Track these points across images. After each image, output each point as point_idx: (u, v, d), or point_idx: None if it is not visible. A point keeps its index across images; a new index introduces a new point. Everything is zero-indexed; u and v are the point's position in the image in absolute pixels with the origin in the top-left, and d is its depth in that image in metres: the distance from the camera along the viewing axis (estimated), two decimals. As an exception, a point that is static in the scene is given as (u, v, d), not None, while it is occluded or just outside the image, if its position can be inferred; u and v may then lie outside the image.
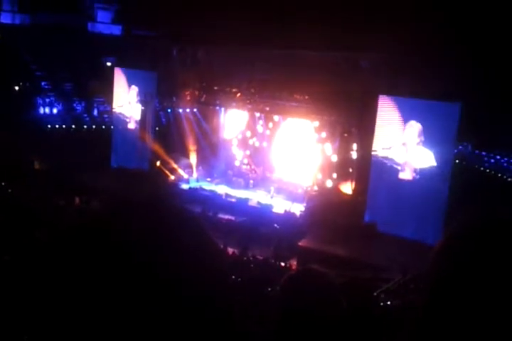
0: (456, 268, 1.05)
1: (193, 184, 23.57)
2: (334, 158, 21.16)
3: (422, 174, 18.18)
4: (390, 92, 18.69)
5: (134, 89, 24.66)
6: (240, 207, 20.88)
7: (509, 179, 19.51)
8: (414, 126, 18.21)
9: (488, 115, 18.31)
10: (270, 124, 23.58)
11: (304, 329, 1.93)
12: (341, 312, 2.06)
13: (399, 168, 18.70)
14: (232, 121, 24.69)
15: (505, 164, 20.05)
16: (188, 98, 24.03)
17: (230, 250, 15.76)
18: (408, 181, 18.55)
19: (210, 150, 25.21)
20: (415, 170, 18.41)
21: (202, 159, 24.90)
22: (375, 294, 9.83)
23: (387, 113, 18.73)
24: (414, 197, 18.01)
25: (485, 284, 0.99)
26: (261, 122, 23.74)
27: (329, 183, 21.43)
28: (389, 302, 9.31)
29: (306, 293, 2.03)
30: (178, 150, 24.47)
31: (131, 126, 24.99)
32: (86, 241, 0.95)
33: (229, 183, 23.69)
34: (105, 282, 0.90)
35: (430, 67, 17.75)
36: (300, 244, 17.73)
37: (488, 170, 20.11)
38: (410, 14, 18.43)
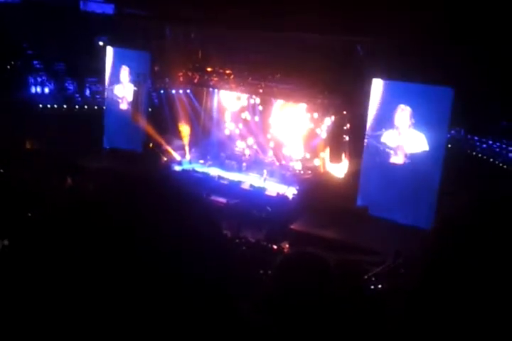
0: (448, 252, 1.05)
1: (186, 166, 23.55)
2: (326, 141, 21.19)
3: (414, 158, 18.25)
4: (383, 76, 18.65)
5: (127, 69, 24.46)
6: (232, 189, 20.90)
7: (501, 164, 19.61)
8: (405, 110, 18.26)
9: (481, 100, 18.32)
10: (262, 107, 23.53)
11: (296, 310, 1.94)
12: (334, 293, 2.06)
13: (391, 152, 18.75)
14: (226, 102, 24.60)
15: (497, 149, 20.13)
16: (181, 79, 23.87)
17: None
18: (400, 165, 18.62)
19: (203, 132, 25.15)
20: (407, 155, 18.47)
21: (195, 141, 24.84)
22: (365, 277, 9.91)
23: (380, 97, 18.71)
24: (407, 181, 18.09)
25: (477, 267, 0.99)
26: (255, 105, 23.68)
27: (317, 162, 21.53)
28: (380, 286, 9.39)
29: (302, 274, 2.03)
30: (171, 132, 24.38)
31: (124, 106, 24.84)
32: (88, 218, 0.94)
33: (222, 165, 23.69)
34: (107, 257, 0.89)
35: (424, 51, 17.70)
36: (292, 227, 17.81)
37: (480, 155, 20.20)
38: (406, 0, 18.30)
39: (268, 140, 23.95)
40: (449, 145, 18.86)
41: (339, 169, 20.84)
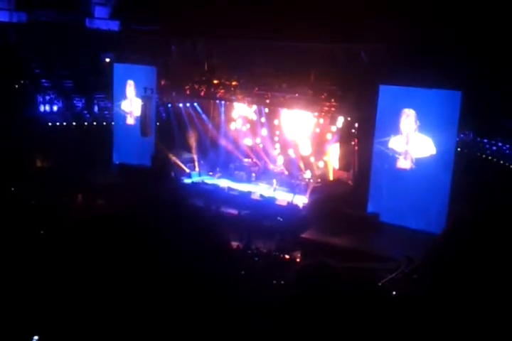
0: (461, 256, 1.06)
1: (195, 178, 23.59)
2: (335, 149, 21.19)
3: (423, 163, 18.18)
4: (390, 82, 18.64)
5: (133, 84, 24.63)
6: (242, 200, 20.90)
7: (511, 166, 19.50)
8: (409, 114, 18.23)
9: (489, 102, 18.28)
10: (271, 117, 23.59)
11: (311, 322, 1.95)
12: (348, 301, 2.08)
13: (400, 157, 18.70)
14: (233, 114, 24.69)
15: (507, 151, 20.03)
16: (188, 92, 23.98)
17: (234, 244, 15.80)
18: (410, 170, 18.55)
19: (211, 144, 25.21)
20: (415, 159, 18.41)
21: (203, 153, 24.89)
22: (379, 284, 9.85)
23: (387, 103, 18.70)
24: (417, 186, 18.02)
25: (489, 271, 1.01)
26: (262, 118, 23.76)
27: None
28: (394, 293, 9.34)
29: (319, 286, 2.04)
30: (180, 145, 24.46)
31: (131, 121, 24.97)
32: (99, 235, 0.97)
33: (231, 177, 23.72)
34: (119, 272, 0.92)
35: (430, 56, 17.71)
36: (303, 235, 17.77)
37: (490, 158, 20.11)
38: (409, 4, 18.36)
39: (276, 149, 23.97)
40: (459, 149, 18.79)
41: (349, 176, 20.82)
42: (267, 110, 23.55)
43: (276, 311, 1.97)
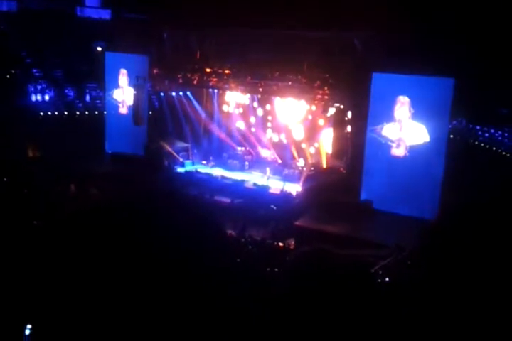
0: (454, 243, 1.08)
1: (189, 167, 23.57)
2: (328, 137, 21.21)
3: (416, 150, 18.23)
4: (383, 70, 18.62)
5: (125, 73, 24.50)
6: (236, 189, 20.92)
7: (504, 152, 19.61)
8: (404, 101, 18.25)
9: (482, 90, 18.32)
10: (263, 103, 23.56)
11: (310, 306, 1.97)
12: (345, 288, 2.10)
13: (393, 144, 18.74)
14: (226, 102, 24.64)
15: (499, 137, 20.13)
16: (181, 81, 23.88)
17: (228, 232, 15.84)
18: (403, 158, 18.61)
19: (204, 132, 25.18)
20: (409, 147, 18.46)
21: (197, 142, 24.87)
22: (372, 271, 9.92)
23: (380, 90, 18.70)
24: (410, 173, 18.09)
25: (483, 257, 1.02)
26: (255, 104, 23.74)
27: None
28: (387, 279, 9.41)
29: (315, 270, 2.05)
30: (173, 134, 24.41)
31: (124, 110, 24.88)
32: (93, 225, 0.97)
33: (224, 165, 23.73)
34: (114, 261, 0.92)
35: (423, 43, 17.69)
36: (297, 223, 17.82)
37: (482, 144, 20.20)
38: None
39: (270, 137, 23.98)
40: (451, 136, 18.86)
41: (342, 164, 20.87)
42: (259, 99, 23.53)
43: (273, 298, 1.99)
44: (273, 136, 23.90)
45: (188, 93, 24.58)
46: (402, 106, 18.31)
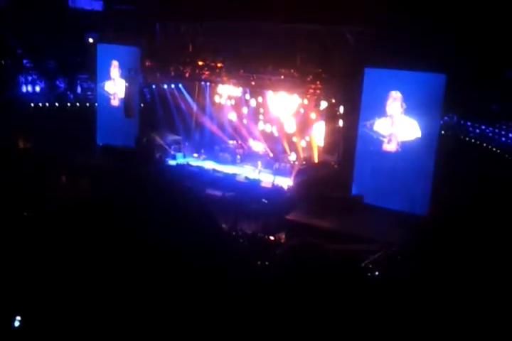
0: (446, 238, 1.07)
1: (180, 160, 23.54)
2: (320, 131, 21.23)
3: (408, 146, 18.30)
4: (375, 65, 18.64)
5: (117, 64, 24.38)
6: (227, 182, 20.93)
7: (494, 148, 19.69)
8: (396, 97, 18.29)
9: (474, 86, 18.37)
10: (255, 98, 23.52)
11: (299, 299, 1.97)
12: (335, 281, 2.10)
13: (384, 140, 18.79)
14: (218, 95, 24.58)
15: (490, 134, 20.20)
16: (173, 73, 23.79)
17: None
18: (394, 153, 18.67)
19: (196, 125, 25.13)
20: (400, 142, 18.52)
21: (188, 135, 24.82)
22: (363, 265, 9.96)
23: (372, 85, 18.72)
24: (401, 168, 18.16)
25: (475, 252, 1.02)
26: (247, 96, 23.69)
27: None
28: (376, 273, 9.45)
29: (305, 264, 2.05)
30: (164, 127, 24.34)
31: (115, 102, 24.77)
32: (84, 216, 0.96)
33: (216, 159, 23.71)
34: (107, 253, 0.91)
35: (416, 39, 17.70)
36: (288, 217, 17.86)
37: (473, 140, 20.27)
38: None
39: (261, 131, 23.95)
40: (443, 132, 18.91)
41: (333, 158, 20.90)
42: (251, 92, 23.49)
43: (264, 290, 1.99)
44: (265, 127, 23.86)
45: (180, 86, 24.50)
46: (394, 101, 18.36)
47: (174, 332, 0.99)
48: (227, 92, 24.23)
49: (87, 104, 25.98)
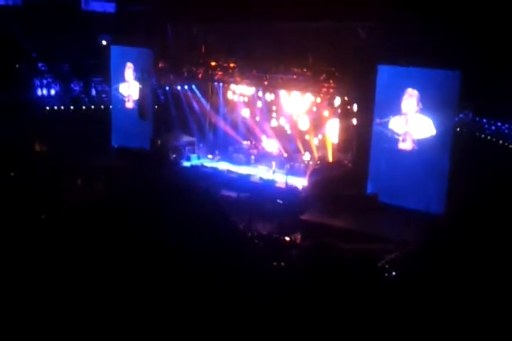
0: (462, 238, 1.07)
1: (195, 161, 23.58)
2: (335, 128, 21.13)
3: (423, 144, 18.15)
4: (388, 62, 18.52)
5: (131, 66, 24.47)
6: (242, 183, 20.93)
7: (510, 145, 19.50)
8: (412, 94, 18.12)
9: (488, 82, 18.21)
10: (268, 98, 23.48)
11: (315, 302, 1.97)
12: (351, 281, 2.10)
13: (399, 138, 18.66)
14: (231, 96, 24.58)
15: (506, 130, 20.02)
16: (186, 75, 23.84)
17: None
18: (409, 151, 18.53)
19: (210, 127, 25.15)
20: (415, 140, 18.37)
21: (202, 136, 24.85)
22: (379, 265, 9.91)
23: (386, 83, 18.60)
24: (416, 166, 18.03)
25: (490, 252, 1.01)
26: (260, 93, 23.63)
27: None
28: (393, 273, 9.39)
29: (322, 266, 2.06)
30: (178, 128, 24.40)
31: (130, 105, 24.87)
32: (100, 218, 0.97)
33: (230, 159, 23.71)
34: (121, 254, 0.92)
35: (429, 35, 17.57)
36: (303, 217, 17.82)
37: (489, 137, 20.10)
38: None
39: (274, 129, 23.89)
40: (458, 129, 18.76)
41: (348, 157, 20.82)
42: (264, 92, 23.45)
43: (280, 289, 1.99)
44: (278, 125, 23.77)
45: (194, 87, 24.55)
46: (410, 98, 18.17)
47: (189, 329, 1.00)
48: (240, 92, 24.21)
49: (102, 107, 26.12)
